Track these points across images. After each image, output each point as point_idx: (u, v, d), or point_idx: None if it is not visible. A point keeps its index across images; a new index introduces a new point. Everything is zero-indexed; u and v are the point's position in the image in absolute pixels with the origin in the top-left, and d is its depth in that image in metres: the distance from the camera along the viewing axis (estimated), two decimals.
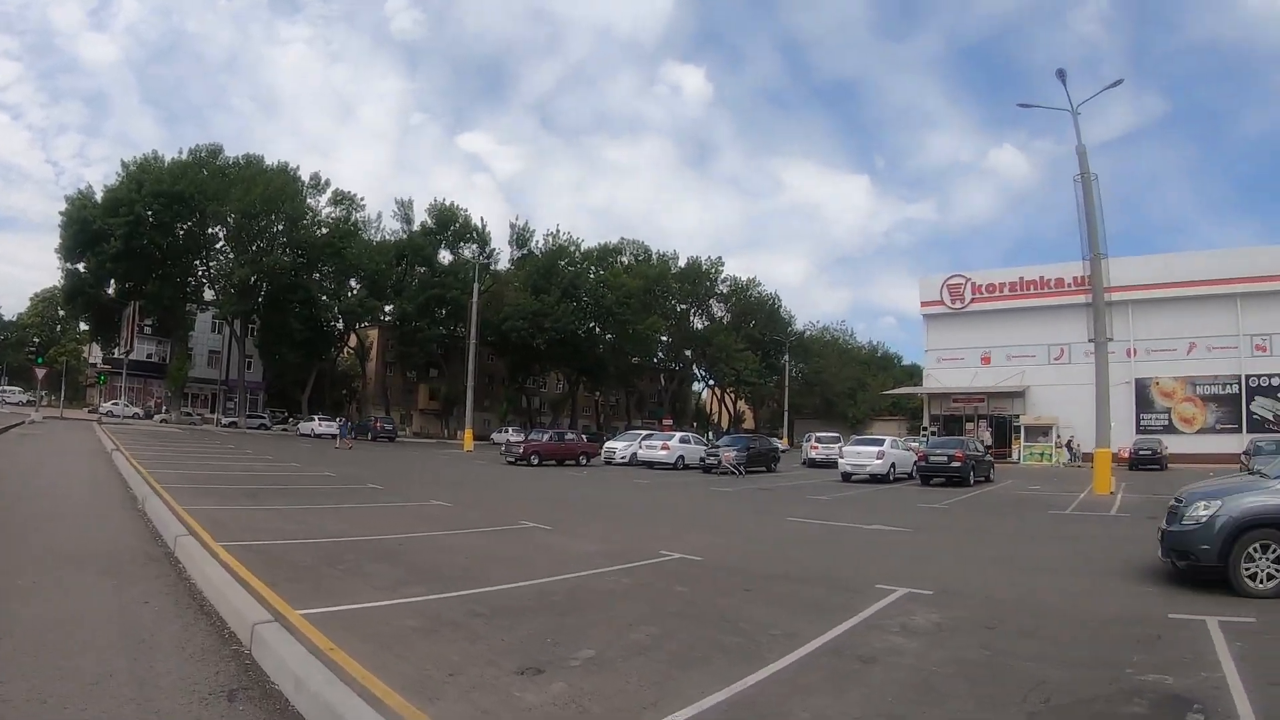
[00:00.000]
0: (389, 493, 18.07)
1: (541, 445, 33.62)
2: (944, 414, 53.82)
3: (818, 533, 14.31)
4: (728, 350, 77.92)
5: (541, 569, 9.04)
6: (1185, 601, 7.91)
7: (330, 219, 64.47)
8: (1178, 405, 48.11)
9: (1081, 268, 46.99)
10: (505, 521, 13.56)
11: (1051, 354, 50.39)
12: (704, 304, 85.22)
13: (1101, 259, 25.05)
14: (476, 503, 17.22)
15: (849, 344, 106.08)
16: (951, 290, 54.68)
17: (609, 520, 15.46)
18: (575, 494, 21.66)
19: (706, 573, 9.31)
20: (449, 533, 12.10)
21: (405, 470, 27.90)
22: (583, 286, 68.21)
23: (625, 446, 36.30)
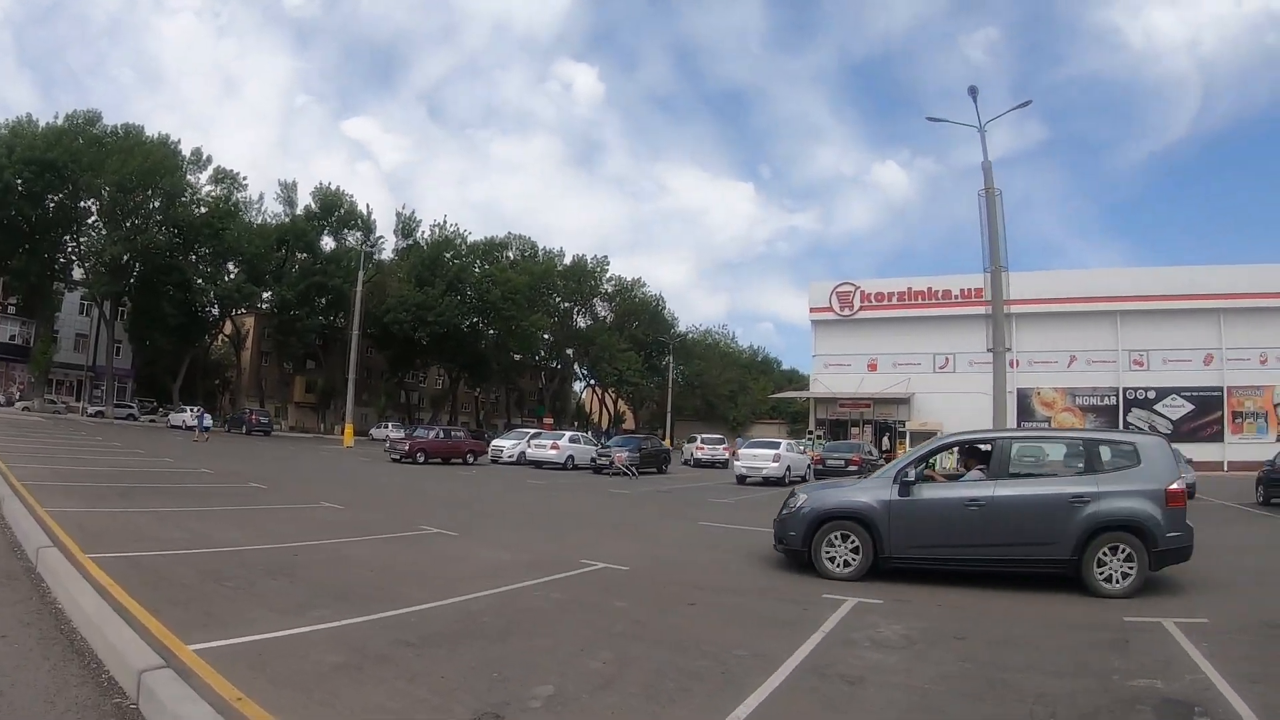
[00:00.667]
0: (273, 493, 16.84)
1: (428, 443, 32.62)
2: (830, 418, 54.69)
3: (736, 538, 13.70)
4: (611, 350, 77.50)
5: (460, 583, 8.20)
6: (1136, 605, 8.01)
7: (210, 198, 60.67)
8: (1057, 415, 50.48)
9: (979, 279, 48.67)
10: (406, 526, 12.77)
11: (937, 363, 52.55)
12: (588, 303, 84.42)
13: (1002, 272, 25.49)
14: (370, 504, 16.18)
15: (730, 347, 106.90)
16: (841, 297, 55.53)
17: (515, 525, 14.58)
18: (471, 495, 20.70)
19: (639, 584, 8.79)
20: (347, 540, 10.93)
21: (287, 467, 26.43)
22: (468, 280, 66.79)
23: (513, 445, 35.66)
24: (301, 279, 61.89)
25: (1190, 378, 48.95)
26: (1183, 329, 48.80)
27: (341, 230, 66.84)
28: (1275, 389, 48.57)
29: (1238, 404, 49.06)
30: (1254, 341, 48.25)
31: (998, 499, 8.88)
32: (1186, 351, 48.97)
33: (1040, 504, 8.83)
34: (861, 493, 9.71)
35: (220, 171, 61.37)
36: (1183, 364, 49.02)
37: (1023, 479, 9.26)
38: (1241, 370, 48.52)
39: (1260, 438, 46.46)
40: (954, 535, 9.01)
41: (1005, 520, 8.78)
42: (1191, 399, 49.42)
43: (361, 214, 66.49)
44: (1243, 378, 48.52)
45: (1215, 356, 48.96)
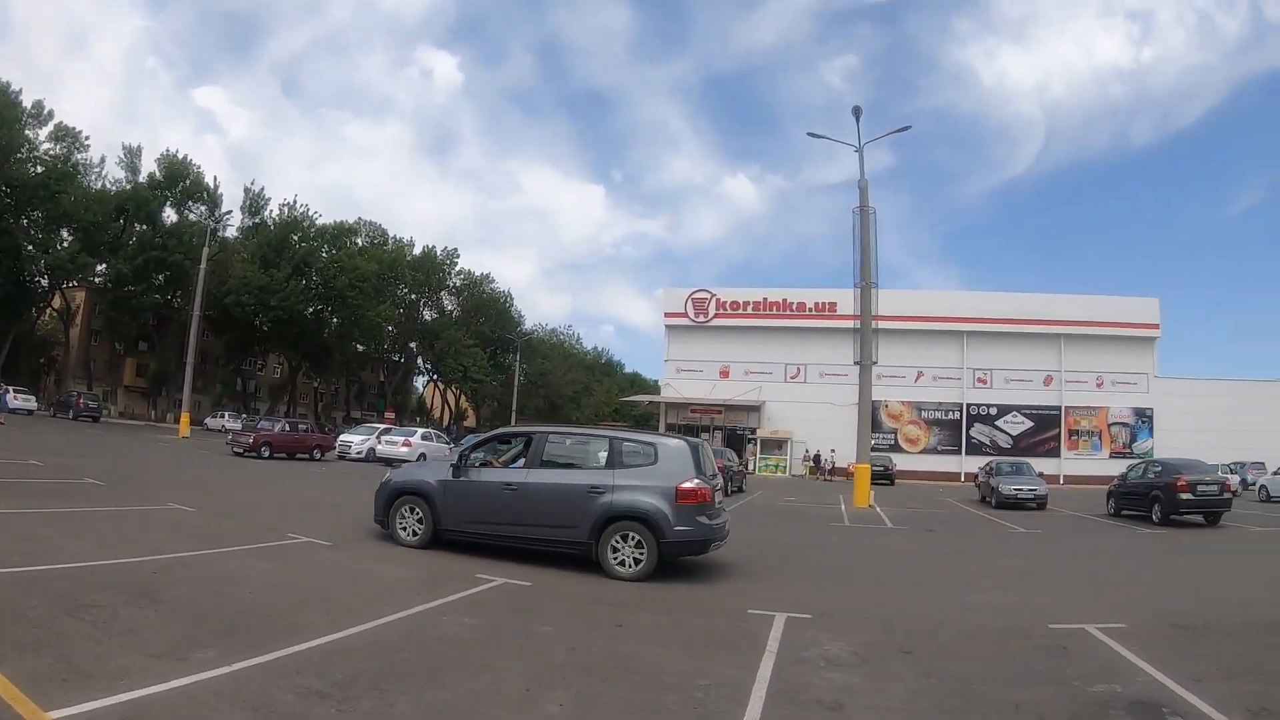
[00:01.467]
0: (115, 491, 15.09)
1: (274, 436, 31.39)
2: (680, 423, 55.13)
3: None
4: (457, 345, 76.71)
5: (359, 608, 7.30)
6: (1053, 612, 8.96)
7: (48, 156, 56.41)
8: (903, 427, 53.41)
9: (833, 294, 52.45)
10: (272, 534, 11.57)
11: (788, 372, 54.49)
12: (435, 296, 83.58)
13: (872, 288, 27.68)
14: (223, 506, 14.85)
15: (575, 348, 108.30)
16: (696, 304, 56.83)
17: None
18: (331, 496, 19.44)
19: (550, 602, 8.38)
20: (213, 553, 9.75)
21: (122, 460, 24.18)
22: (315, 265, 64.84)
23: (362, 441, 34.88)
24: (140, 252, 58.01)
25: (1031, 396, 53.10)
26: (1025, 351, 52.90)
27: (186, 202, 62.95)
28: (1109, 410, 53.42)
29: (1074, 423, 53.50)
30: (1090, 366, 52.91)
31: (529, 484, 10.51)
32: (1028, 372, 53.10)
33: (563, 492, 10.39)
34: (428, 473, 11.75)
35: (62, 129, 57.13)
36: (1024, 384, 53.17)
37: (553, 469, 10.77)
38: (1079, 392, 53.03)
39: (1094, 454, 51.87)
40: (493, 514, 10.63)
41: (535, 504, 10.39)
42: (1031, 416, 53.10)
43: (208, 186, 63.31)
44: (1079, 399, 52.97)
45: (1055, 378, 53.22)
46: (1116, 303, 54.40)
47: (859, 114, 27.82)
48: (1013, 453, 49.85)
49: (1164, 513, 20.95)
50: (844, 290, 58.22)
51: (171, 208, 62.57)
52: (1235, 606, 9.97)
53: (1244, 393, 53.71)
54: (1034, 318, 52.94)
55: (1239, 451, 44.60)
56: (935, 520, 22.98)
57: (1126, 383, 53.45)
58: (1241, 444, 44.68)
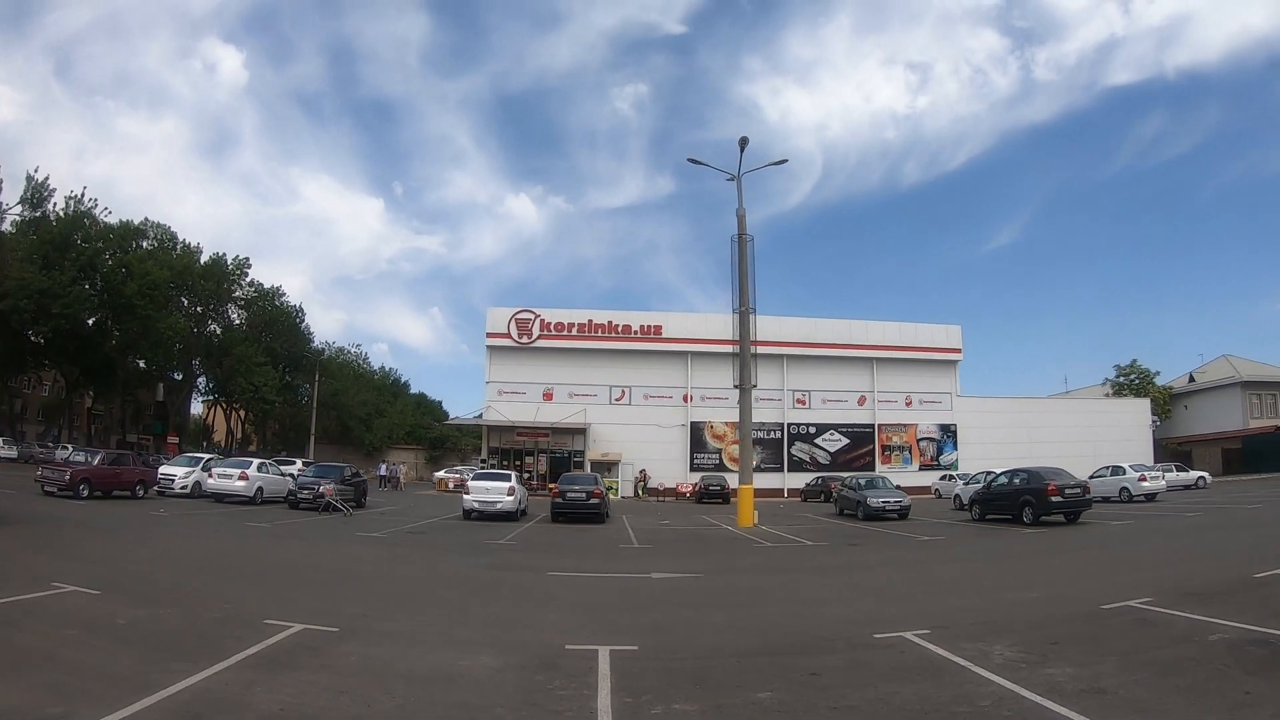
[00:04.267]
0: None
1: (93, 470, 27.33)
2: (504, 447, 55.44)
3: (653, 589, 13.07)
4: (248, 362, 71.64)
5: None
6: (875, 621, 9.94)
7: None
8: (728, 446, 55.41)
9: (658, 317, 56.01)
10: (249, 626, 8.46)
11: (613, 395, 56.41)
12: (222, 308, 77.62)
13: (750, 313, 29.18)
14: (129, 579, 11.41)
15: (363, 368, 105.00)
16: (520, 324, 56.56)
17: (397, 601, 10.68)
18: (224, 549, 16.50)
19: (707, 676, 7.22)
20: (202, 678, 6.51)
21: None
22: (100, 268, 58.73)
23: (185, 474, 31.51)
24: None
25: (846, 415, 57.99)
26: (841, 374, 57.61)
27: None
28: (917, 426, 59.20)
29: (886, 439, 58.71)
30: (900, 387, 58.61)
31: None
32: (844, 393, 57.86)
33: None
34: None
35: None
36: (840, 404, 57.77)
37: None
38: (890, 410, 58.54)
39: (906, 467, 56.79)
40: None
41: None
42: (847, 434, 58.18)
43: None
44: (891, 416, 59.17)
45: (868, 398, 58.38)
46: (923, 329, 60.53)
47: (744, 144, 29.22)
48: (831, 468, 54.52)
49: (1035, 514, 23.46)
50: (669, 313, 61.61)
51: None
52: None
53: (1031, 408, 61.46)
54: (849, 342, 57.74)
55: (1031, 460, 50.30)
56: (830, 535, 23.58)
57: (933, 401, 59.22)
58: (1032, 453, 47.81)
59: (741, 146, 28.99)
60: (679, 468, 54.97)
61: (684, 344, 56.90)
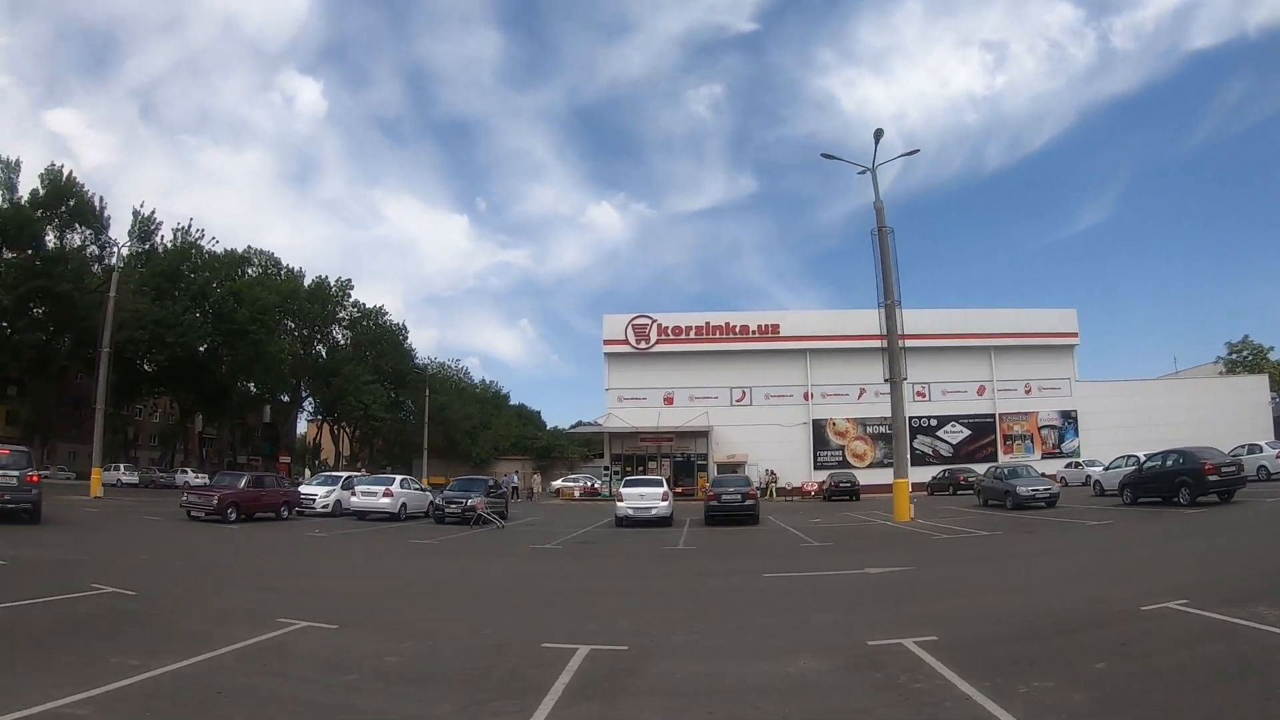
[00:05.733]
0: (169, 610, 10.04)
1: (240, 493, 27.01)
2: (626, 453, 55.42)
3: (836, 584, 12.86)
4: (356, 382, 73.48)
5: None
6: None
7: None
8: (850, 443, 55.78)
9: (775, 316, 55.77)
10: (524, 652, 7.82)
11: (734, 396, 56.51)
12: (327, 330, 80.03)
13: (896, 306, 28.77)
14: (355, 611, 10.15)
15: (464, 382, 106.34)
16: (637, 330, 56.84)
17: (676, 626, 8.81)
18: (412, 570, 16.04)
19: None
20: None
21: (94, 542, 18.75)
22: (211, 296, 59.95)
23: (326, 493, 31.71)
24: (21, 280, 51.56)
25: (966, 406, 56.92)
26: (958, 364, 56.28)
27: (72, 224, 57.69)
28: (1038, 414, 57.61)
29: (1008, 428, 57.28)
30: (1018, 374, 57.32)
31: None
32: (962, 384, 56.76)
33: None
34: None
35: None
36: (960, 395, 56.65)
37: None
38: (1010, 399, 57.29)
39: (1028, 456, 53.77)
40: None
41: None
42: (968, 425, 56.97)
43: (93, 206, 57.59)
44: (1011, 405, 57.63)
45: (987, 388, 57.22)
46: (1038, 314, 59.54)
47: (879, 136, 28.39)
48: (954, 461, 53.08)
49: (1193, 495, 23.00)
50: (785, 312, 61.52)
51: (55, 230, 56.89)
52: None
53: (1148, 390, 59.98)
54: (965, 331, 56.66)
55: (1157, 443, 49.63)
56: (994, 524, 23.03)
57: (1052, 388, 58.04)
58: (1155, 436, 46.51)
59: (877, 139, 28.33)
60: (802, 467, 54.21)
61: (802, 341, 56.67)
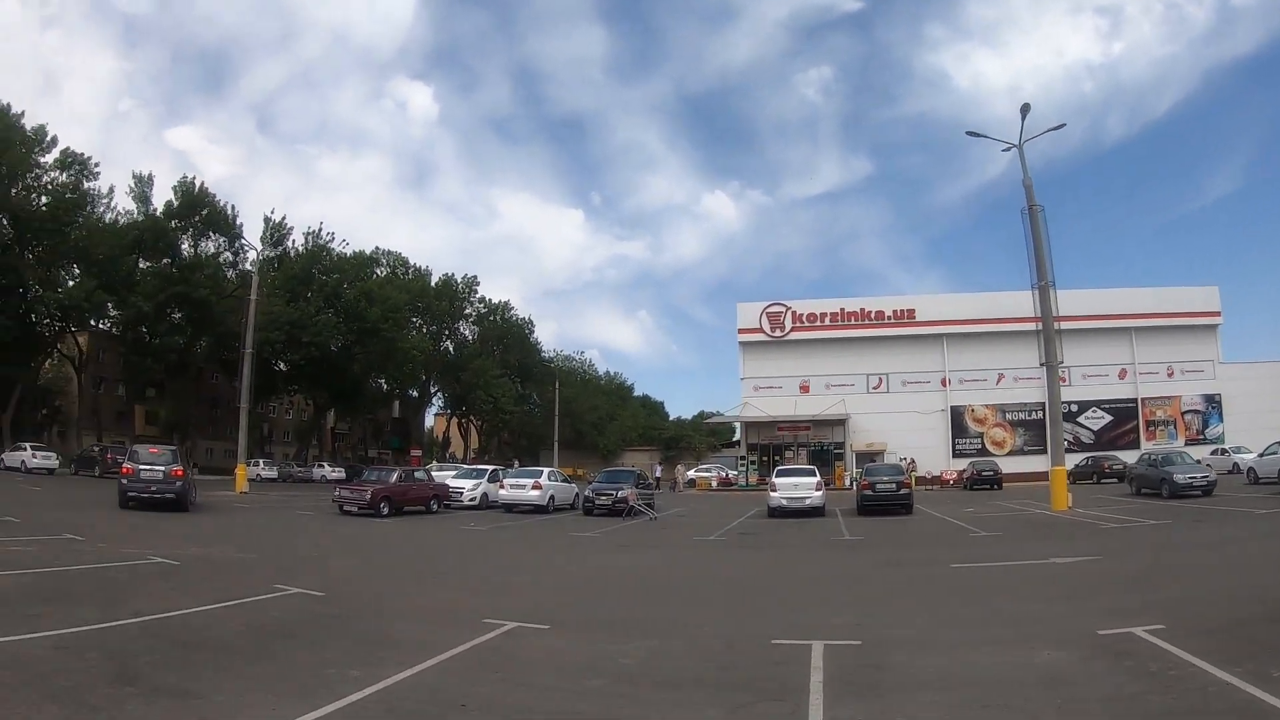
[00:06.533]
0: (360, 617, 9.58)
1: (391, 488, 27.09)
2: (763, 442, 55.35)
3: (1028, 574, 12.67)
4: (485, 376, 74.87)
5: None
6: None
7: (55, 185, 51.46)
8: (989, 430, 54.90)
9: (911, 301, 57.08)
10: (750, 647, 7.78)
11: (870, 383, 55.92)
12: (454, 326, 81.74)
13: (1050, 287, 26.65)
14: (554, 609, 9.85)
15: (589, 374, 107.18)
16: (771, 318, 56.85)
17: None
18: (594, 565, 15.82)
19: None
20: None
21: (265, 540, 18.94)
22: (343, 296, 61.33)
23: (473, 486, 31.69)
24: (160, 287, 54.47)
25: (1107, 390, 55.27)
26: (1098, 346, 54.29)
27: (206, 233, 60.10)
28: (1181, 398, 55.27)
29: (1150, 413, 55.18)
30: (1160, 356, 54.99)
31: None
32: (1103, 367, 54.78)
33: None
34: None
35: (69, 155, 52.13)
36: (1100, 379, 54.78)
37: None
38: (1152, 382, 55.38)
39: (1171, 443, 51.44)
40: None
41: None
42: (1110, 410, 54.96)
43: (226, 214, 59.61)
44: (1154, 389, 55.27)
45: (1128, 371, 55.20)
46: (1179, 293, 57.05)
47: (1026, 111, 27.34)
48: (1095, 448, 50.62)
49: None
50: (920, 296, 60.40)
51: (189, 239, 59.30)
52: None
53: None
54: (1105, 313, 54.58)
55: None
56: (1156, 513, 21.97)
57: (1195, 370, 55.91)
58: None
59: (1023, 114, 27.28)
60: (940, 455, 53.13)
61: (938, 326, 55.81)
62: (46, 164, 52.03)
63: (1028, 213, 27.39)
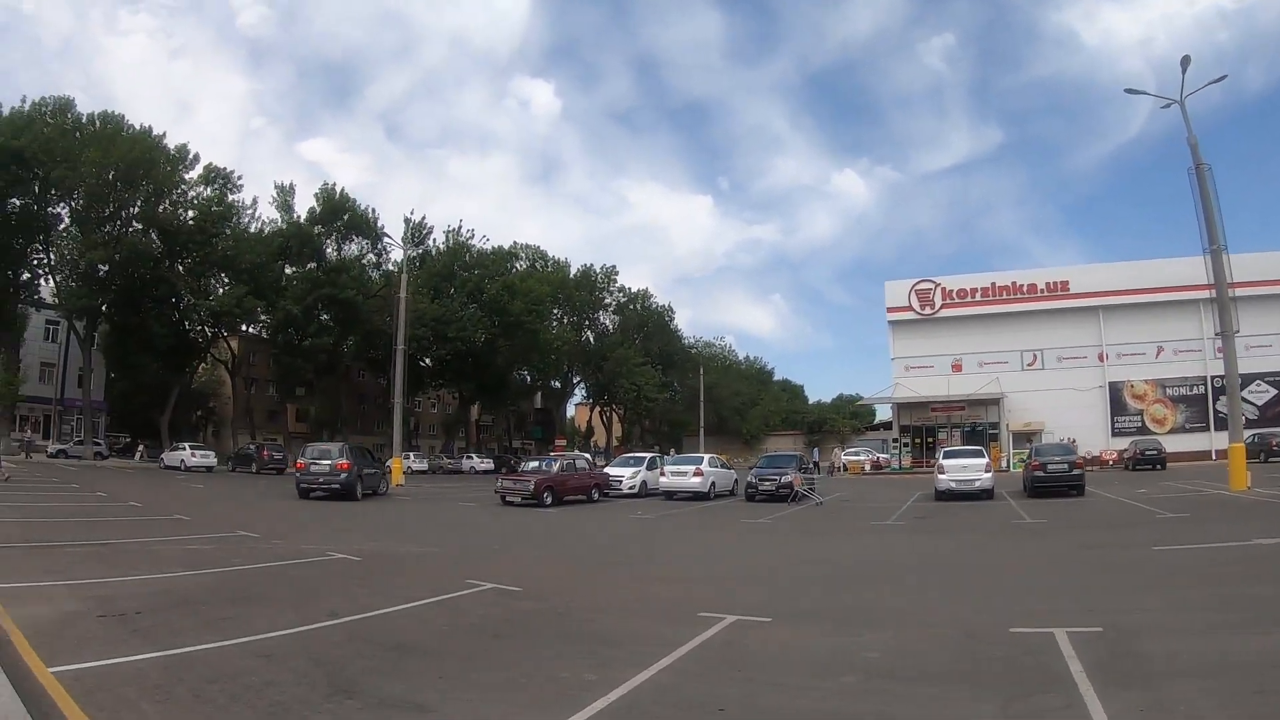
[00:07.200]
0: (567, 613, 9.13)
1: (553, 478, 27.31)
2: (915, 424, 53.81)
3: (1236, 556, 12.02)
4: (628, 365, 75.18)
5: None
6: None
7: (199, 200, 55.22)
8: (1149, 407, 51.91)
9: (1066, 272, 55.07)
10: (991, 639, 7.36)
11: (1024, 360, 53.43)
12: (594, 316, 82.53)
13: (1222, 251, 26.15)
14: (770, 600, 9.38)
15: (729, 359, 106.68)
16: (920, 296, 55.22)
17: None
18: (792, 552, 15.30)
19: None
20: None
21: (429, 531, 19.24)
22: (486, 291, 62.66)
23: (632, 474, 31.78)
24: (308, 290, 56.91)
25: (1270, 364, 50.25)
26: (1259, 314, 46.94)
27: (349, 236, 62.73)
28: None
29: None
30: None
31: None
32: (1266, 337, 49.18)
33: None
34: None
35: (212, 170, 55.48)
36: (1264, 349, 49.51)
37: None
38: None
39: None
40: None
41: None
42: (1275, 384, 50.96)
43: (367, 217, 61.88)
44: None
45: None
46: None
47: (1186, 64, 26.20)
48: (1260, 424, 46.40)
49: None
50: (1072, 267, 57.08)
51: (333, 243, 61.73)
52: None
53: None
54: (1263, 279, 49.07)
55: None
56: None
57: None
58: None
59: (1183, 66, 25.98)
60: (1098, 434, 50.02)
61: (1092, 298, 52.92)
62: (191, 180, 55.36)
63: (1194, 172, 26.38)
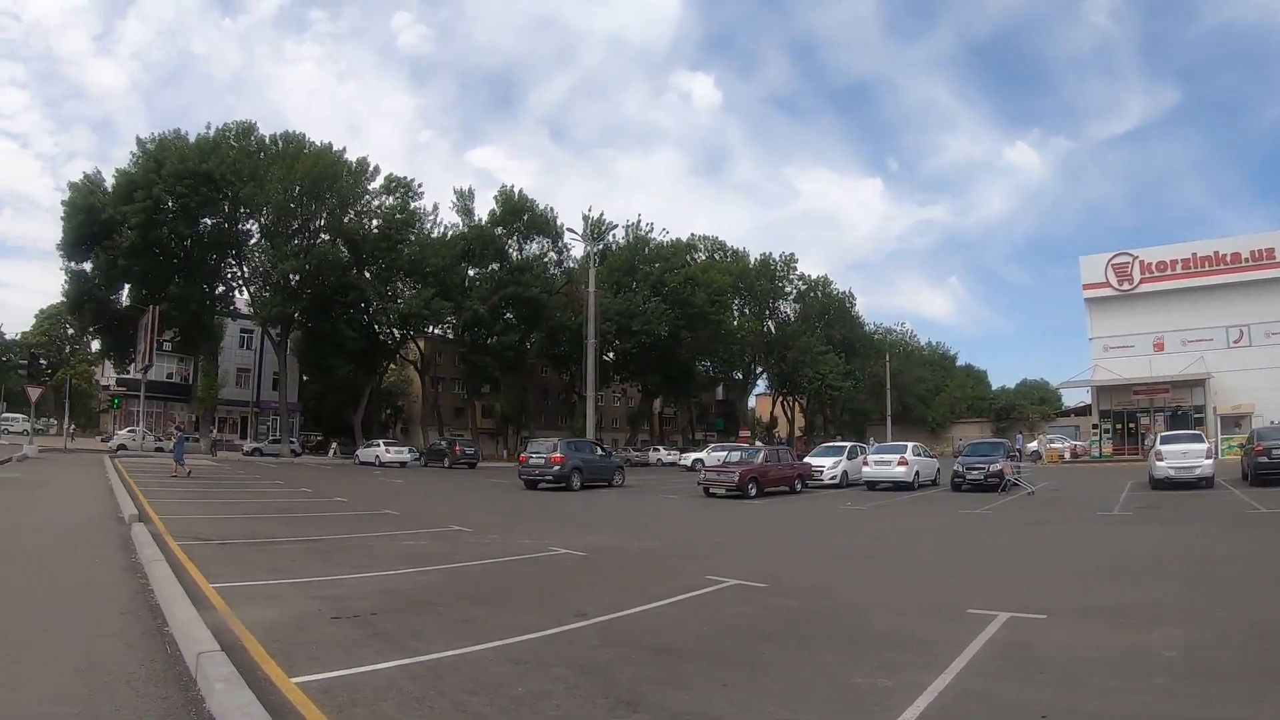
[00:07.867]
0: (825, 609, 8.57)
1: (757, 468, 27.02)
2: (1115, 408, 50.33)
3: None
4: (811, 353, 74.13)
5: None
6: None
7: (382, 209, 59.08)
8: None
9: (1273, 239, 46.94)
10: None
11: (1230, 336, 48.23)
12: (774, 304, 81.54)
13: None
14: (1042, 599, 8.56)
15: (911, 345, 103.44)
16: (1117, 270, 51.46)
17: None
18: (1057, 545, 14.17)
19: None
20: None
21: (643, 524, 18.77)
22: (668, 284, 62.87)
23: (833, 464, 31.21)
24: (493, 290, 58.99)
25: None
26: None
27: (530, 235, 64.90)
28: None
29: None
30: None
31: None
32: None
33: None
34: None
35: (393, 180, 58.45)
36: None
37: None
38: None
39: None
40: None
41: None
42: None
43: (546, 216, 63.64)
44: None
45: None
46: None
47: None
48: None
49: None
50: (1278, 233, 49.82)
51: (515, 243, 63.90)
52: None
53: None
54: None
55: None
56: None
57: None
58: None
59: None
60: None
61: None
62: (373, 191, 58.59)
63: None
